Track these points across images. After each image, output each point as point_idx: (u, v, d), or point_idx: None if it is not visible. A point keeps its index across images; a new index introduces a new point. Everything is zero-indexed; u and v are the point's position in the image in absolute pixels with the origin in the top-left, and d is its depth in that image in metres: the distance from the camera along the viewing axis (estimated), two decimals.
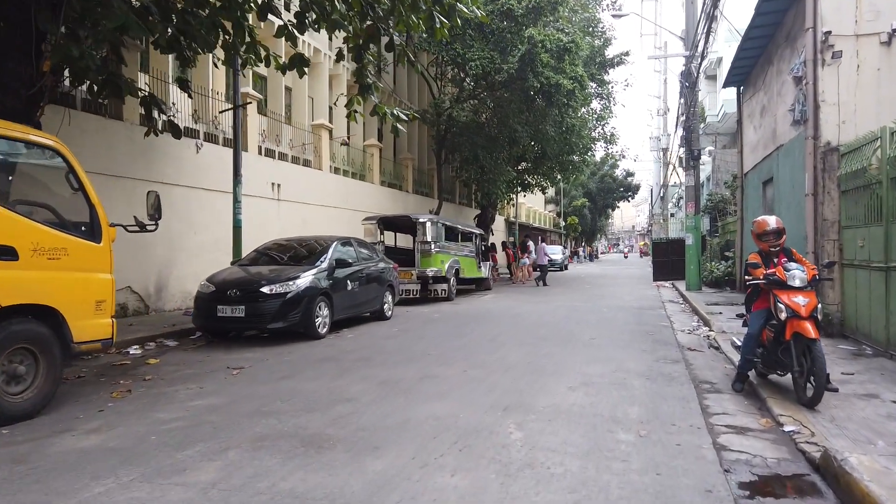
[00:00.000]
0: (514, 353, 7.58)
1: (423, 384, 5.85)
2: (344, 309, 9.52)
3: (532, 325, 10.31)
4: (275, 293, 8.22)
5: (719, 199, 21.15)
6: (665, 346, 8.13)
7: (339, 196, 16.90)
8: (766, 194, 13.06)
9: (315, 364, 6.90)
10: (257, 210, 13.32)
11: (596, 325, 10.22)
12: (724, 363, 7.10)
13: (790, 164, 10.71)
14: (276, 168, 14.10)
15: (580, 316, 11.66)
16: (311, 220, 15.25)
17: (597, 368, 6.61)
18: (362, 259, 10.43)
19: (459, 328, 9.85)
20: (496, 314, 11.99)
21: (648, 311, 12.57)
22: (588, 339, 8.78)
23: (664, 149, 40.30)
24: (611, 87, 25.38)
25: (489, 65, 17.35)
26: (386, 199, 19.95)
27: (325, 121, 16.47)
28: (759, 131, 13.55)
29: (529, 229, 41.26)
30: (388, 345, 8.23)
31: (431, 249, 14.12)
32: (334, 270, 9.25)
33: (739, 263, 15.87)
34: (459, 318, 11.27)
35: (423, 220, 14.08)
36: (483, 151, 20.30)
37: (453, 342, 8.42)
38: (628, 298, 15.72)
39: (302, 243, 10.10)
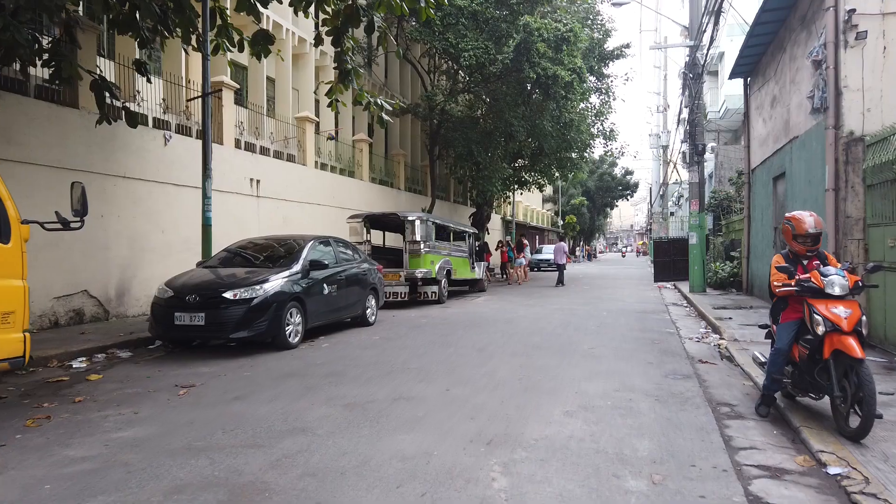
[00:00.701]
0: (504, 366, 6.74)
1: (395, 407, 5.01)
2: (320, 315, 8.68)
3: (526, 331, 9.48)
4: (239, 299, 7.37)
5: (724, 196, 20.34)
6: (673, 358, 7.31)
7: (324, 193, 16.05)
8: (777, 190, 12.25)
9: (277, 381, 6.05)
10: (233, 207, 12.47)
11: (596, 332, 9.40)
12: (742, 379, 6.28)
13: (806, 158, 9.89)
14: (255, 163, 13.24)
15: (578, 321, 10.83)
16: (293, 219, 14.40)
17: (598, 386, 5.78)
18: (342, 260, 9.59)
19: (447, 336, 9.02)
20: (488, 319, 11.16)
21: (652, 316, 11.74)
22: (587, 348, 7.95)
23: (664, 146, 39.54)
24: (610, 82, 24.54)
25: (483, 55, 16.51)
26: (376, 196, 19.10)
27: (309, 113, 15.60)
28: (768, 124, 12.73)
29: (526, 228, 40.45)
30: (365, 356, 7.39)
31: (421, 249, 13.28)
32: (309, 273, 8.40)
33: (746, 264, 15.07)
34: (448, 324, 10.44)
35: (411, 219, 13.24)
36: (478, 147, 19.47)
37: (438, 353, 7.58)
38: (629, 301, 14.90)
39: (276, 243, 9.26)
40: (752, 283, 14.58)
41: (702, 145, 15.87)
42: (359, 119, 20.12)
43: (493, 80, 18.39)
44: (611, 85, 24.64)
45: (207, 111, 9.86)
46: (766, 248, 13.03)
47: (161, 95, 11.21)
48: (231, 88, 12.50)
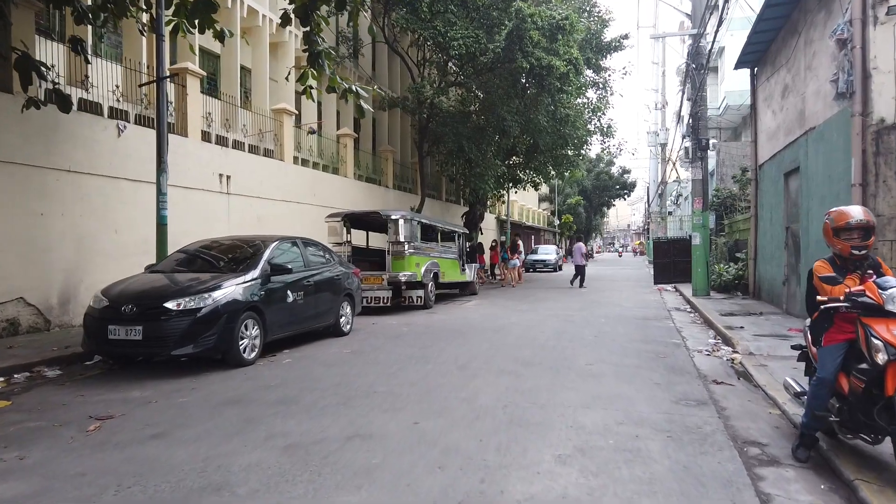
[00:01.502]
0: (488, 388, 5.78)
1: (347, 450, 4.04)
2: (283, 326, 7.70)
3: (516, 342, 8.51)
4: (183, 309, 6.39)
5: (727, 194, 19.42)
6: (683, 377, 6.35)
7: (304, 190, 15.06)
8: (789, 187, 11.31)
9: (214, 410, 5.07)
10: (200, 205, 11.47)
11: (593, 344, 8.44)
12: (767, 405, 5.33)
13: (825, 150, 8.95)
14: (224, 157, 12.24)
15: (574, 329, 9.88)
16: (269, 218, 13.41)
17: (597, 417, 4.82)
18: (312, 263, 8.61)
19: (427, 348, 8.04)
20: (476, 327, 10.19)
21: (654, 323, 10.80)
22: (584, 364, 6.99)
23: (662, 144, 38.68)
24: (608, 76, 23.59)
25: (474, 44, 15.53)
26: (362, 194, 18.11)
27: (287, 105, 14.60)
28: (779, 116, 11.80)
29: (522, 228, 39.51)
30: (328, 376, 6.41)
31: (405, 251, 12.30)
32: (270, 278, 7.42)
33: (753, 266, 14.14)
34: (431, 334, 9.46)
35: (395, 217, 12.26)
36: (469, 143, 18.49)
37: (413, 371, 6.61)
38: (628, 305, 13.95)
39: (236, 244, 8.26)
40: (760, 286, 13.66)
41: (705, 140, 14.95)
42: (344, 113, 19.13)
43: (484, 72, 17.42)
44: (608, 79, 23.71)
45: (162, 97, 8.87)
46: (776, 249, 12.10)
47: (117, 82, 10.19)
48: (197, 76, 11.51)
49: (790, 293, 11.16)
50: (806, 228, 9.91)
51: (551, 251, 33.95)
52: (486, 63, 16.25)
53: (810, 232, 9.68)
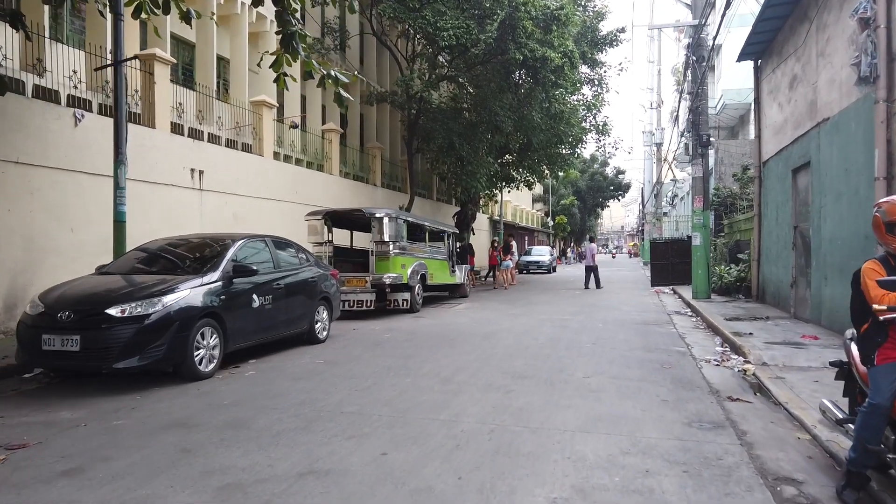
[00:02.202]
0: (473, 407, 5.04)
1: (294, 493, 3.30)
2: (248, 334, 6.94)
3: (507, 351, 7.79)
4: (128, 316, 5.63)
5: (727, 193, 18.77)
6: (693, 392, 5.64)
7: (285, 188, 14.29)
8: (798, 184, 10.65)
9: (149, 436, 4.32)
10: (169, 201, 10.69)
11: (591, 352, 7.72)
12: (793, 427, 4.63)
13: (842, 142, 8.28)
14: (197, 151, 11.47)
15: (570, 336, 9.16)
16: (246, 216, 12.64)
17: (598, 445, 4.10)
18: (284, 264, 7.85)
19: (409, 358, 7.30)
20: (464, 333, 9.46)
21: (655, 328, 10.10)
22: (582, 377, 6.27)
23: (658, 144, 38.12)
24: (603, 72, 22.94)
25: (464, 35, 14.81)
26: (348, 192, 17.36)
27: (267, 98, 13.83)
28: (786, 108, 11.15)
29: (515, 229, 38.84)
30: (292, 391, 5.66)
31: (390, 251, 11.56)
32: (232, 281, 6.66)
33: (757, 268, 13.49)
34: (415, 341, 8.73)
35: (379, 216, 11.51)
36: (460, 139, 17.76)
37: (390, 385, 5.87)
38: (627, 309, 13.26)
39: (198, 243, 7.50)
40: (764, 289, 13.00)
41: (706, 135, 14.28)
42: (330, 108, 18.35)
43: (475, 65, 16.70)
44: (604, 75, 23.06)
45: (121, 82, 8.10)
46: (783, 249, 11.43)
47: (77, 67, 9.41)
48: (166, 63, 10.72)
49: (799, 296, 10.50)
50: (817, 227, 9.25)
51: (545, 252, 33.26)
52: (477, 55, 15.54)
53: (823, 231, 9.02)
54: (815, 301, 9.37)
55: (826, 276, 8.86)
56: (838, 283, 8.35)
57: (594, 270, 19.53)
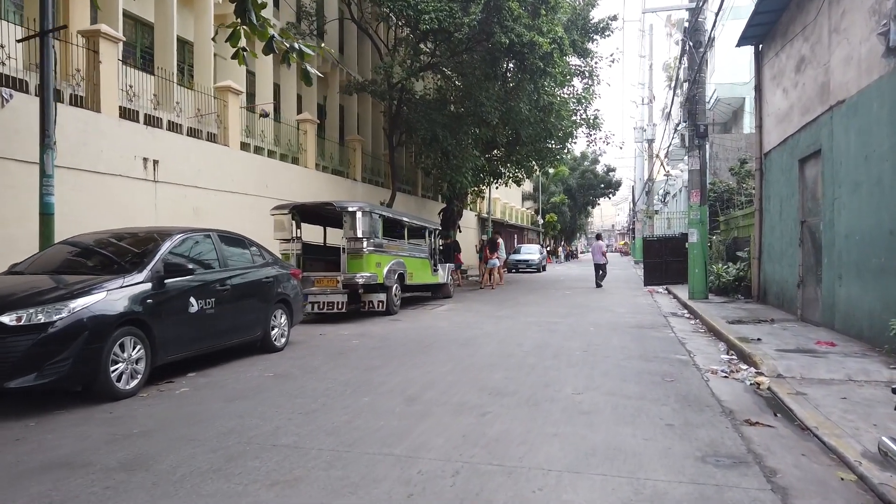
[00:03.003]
0: (437, 438, 4.12)
1: None
2: (184, 343, 5.97)
3: (487, 360, 6.87)
4: (25, 325, 4.65)
5: (724, 188, 17.96)
6: (702, 414, 4.74)
7: (254, 181, 13.28)
8: (806, 175, 9.81)
9: (16, 481, 3.35)
10: (117, 193, 9.68)
11: (582, 362, 6.82)
12: (830, 461, 3.74)
13: (860, 126, 7.42)
14: (150, 139, 10.45)
15: (559, 341, 8.26)
16: (207, 210, 11.64)
17: (592, 494, 3.19)
18: (232, 263, 6.88)
19: (373, 370, 6.36)
20: (442, 339, 8.53)
21: (651, 333, 9.22)
22: (571, 393, 5.36)
23: (650, 140, 37.40)
24: (594, 63, 22.06)
25: (447, 19, 13.87)
26: (325, 187, 16.36)
27: (233, 83, 12.82)
28: (791, 94, 10.31)
29: (504, 226, 37.97)
30: (222, 416, 4.70)
31: (363, 248, 10.60)
32: (163, 282, 5.69)
33: (758, 266, 12.66)
34: (385, 349, 7.78)
35: (351, 210, 10.55)
36: (444, 132, 16.81)
37: (342, 408, 4.92)
38: (620, 310, 12.39)
39: (134, 238, 6.51)
40: (766, 289, 12.17)
41: (703, 126, 13.44)
42: (306, 97, 17.37)
43: (460, 52, 15.76)
44: (595, 67, 22.19)
45: (48, 56, 7.11)
46: (788, 246, 10.60)
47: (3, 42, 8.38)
48: (113, 40, 9.69)
49: (806, 297, 9.66)
50: (831, 222, 8.40)
51: (534, 251, 32.39)
52: (461, 40, 14.59)
53: (836, 226, 8.17)
54: (827, 303, 8.53)
55: (840, 276, 8.02)
56: (855, 283, 7.51)
57: (602, 268, 19.27)
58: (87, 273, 5.63)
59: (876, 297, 6.93)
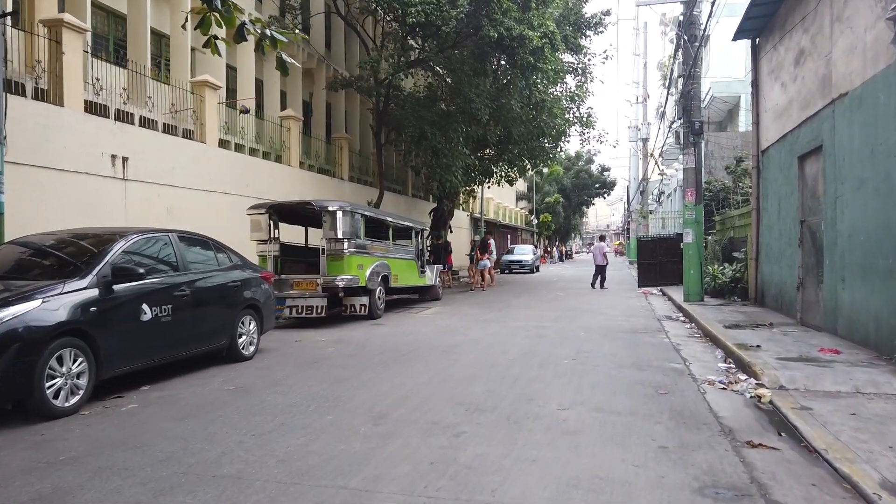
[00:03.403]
0: (402, 466, 3.65)
1: None
2: (136, 355, 5.48)
3: (468, 370, 6.40)
4: None
5: (720, 187, 17.55)
6: (699, 433, 4.29)
7: (233, 179, 12.78)
8: (805, 172, 9.39)
9: None
10: (82, 192, 9.18)
11: (570, 371, 6.36)
12: (845, 494, 3.30)
13: (865, 119, 7.00)
14: (120, 134, 9.95)
15: (547, 348, 7.81)
16: (182, 210, 11.14)
17: None
18: (193, 266, 6.40)
19: (343, 382, 5.89)
20: (423, 346, 8.06)
21: (645, 338, 8.78)
22: (556, 409, 4.91)
23: (644, 139, 37.03)
24: (587, 60, 21.63)
25: (434, 12, 13.39)
26: (310, 186, 15.87)
27: (210, 78, 12.31)
28: (790, 88, 9.89)
29: (497, 227, 37.53)
30: (167, 437, 4.22)
31: (344, 250, 10.12)
32: (111, 288, 5.20)
33: (755, 267, 12.24)
34: (362, 356, 7.31)
35: (332, 209, 10.07)
36: (432, 129, 16.34)
37: (301, 427, 4.45)
38: (612, 313, 11.95)
39: (85, 240, 6.00)
40: (763, 291, 11.76)
41: (699, 122, 13.01)
42: (291, 93, 16.87)
43: (448, 48, 15.30)
44: (588, 64, 21.76)
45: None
46: (787, 247, 10.19)
47: None
48: (78, 30, 9.17)
49: (806, 300, 9.24)
50: (832, 221, 7.97)
51: (528, 251, 31.98)
52: (449, 34, 14.12)
53: (839, 225, 7.74)
54: (829, 306, 8.10)
55: (844, 278, 7.59)
56: (861, 285, 7.08)
57: (603, 270, 19.02)
58: (30, 278, 5.14)
59: (883, 301, 6.51)
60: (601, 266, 19.06)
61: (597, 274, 19.04)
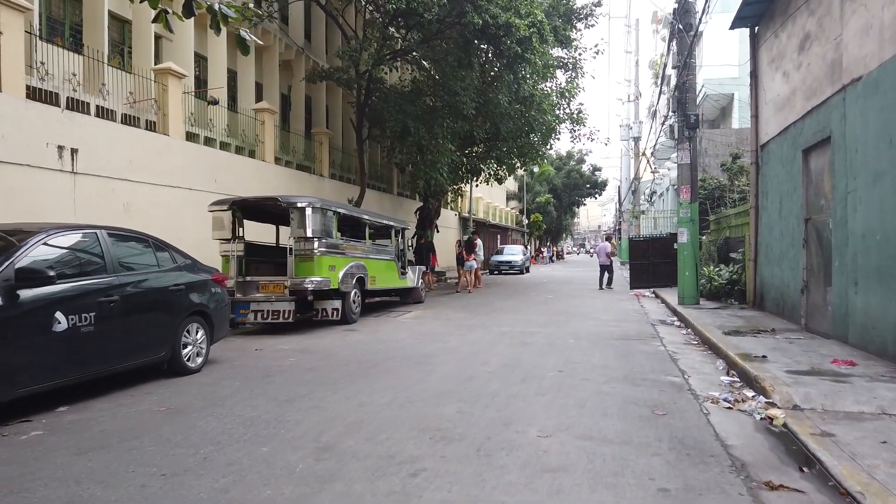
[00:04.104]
0: None
1: None
2: (46, 372, 4.69)
3: (441, 386, 5.66)
4: None
5: (715, 185, 16.91)
6: (706, 469, 3.57)
7: (200, 174, 11.96)
8: (811, 166, 8.72)
9: None
10: (22, 186, 8.35)
11: (556, 387, 5.63)
12: None
13: (881, 105, 6.32)
14: (69, 124, 9.13)
15: (532, 358, 7.08)
16: (141, 206, 10.32)
17: None
18: (126, 268, 5.60)
19: (294, 402, 5.12)
20: (395, 356, 7.31)
21: (638, 346, 8.07)
22: (536, 436, 4.17)
23: (636, 138, 36.48)
24: (578, 54, 20.96)
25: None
26: (287, 182, 15.06)
27: (174, 65, 11.49)
28: (794, 77, 9.22)
29: (487, 227, 36.81)
30: (58, 479, 3.43)
31: (314, 249, 9.35)
32: (16, 293, 4.41)
33: (753, 269, 11.57)
34: (323, 370, 6.55)
35: (300, 205, 9.29)
36: (416, 123, 15.59)
37: (226, 463, 3.68)
38: (604, 317, 11.25)
39: None
40: (763, 294, 11.09)
41: (694, 116, 12.34)
42: (268, 85, 16.07)
43: (431, 37, 14.54)
44: (578, 58, 21.08)
45: None
46: (789, 248, 9.52)
47: None
48: (18, 9, 8.32)
49: (812, 305, 8.57)
50: (843, 219, 7.29)
51: (517, 252, 31.29)
52: (431, 22, 13.36)
53: (851, 223, 7.06)
54: (839, 312, 7.42)
55: (856, 282, 6.91)
56: (877, 290, 6.40)
57: (608, 269, 18.54)
58: None
59: None
60: (605, 266, 18.63)
61: (602, 273, 18.62)
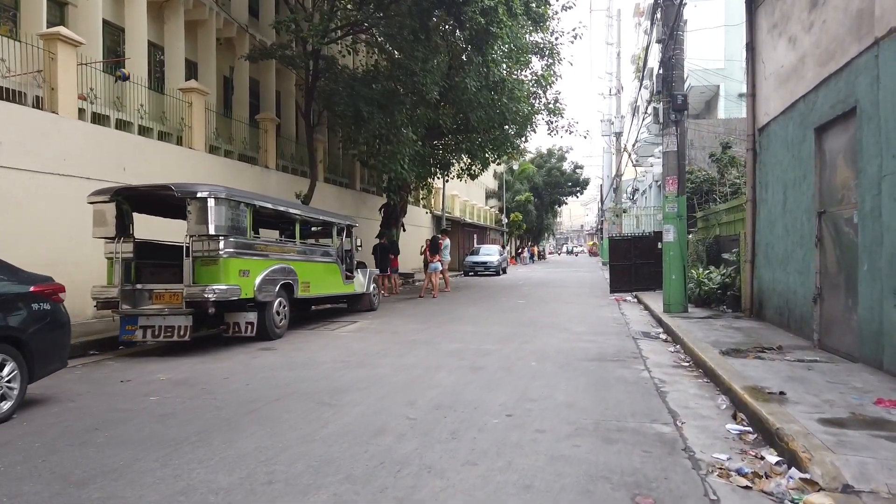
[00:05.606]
0: None
1: None
2: None
3: (329, 449, 3.91)
4: None
5: (703, 177, 15.35)
6: None
7: (101, 161, 10.09)
8: (826, 147, 7.13)
9: None
10: None
11: (496, 448, 3.92)
12: None
13: None
14: None
15: (474, 395, 5.36)
16: (17, 197, 8.47)
17: None
18: None
19: (88, 485, 3.35)
20: (298, 390, 5.54)
21: (616, 370, 6.39)
22: None
23: (617, 133, 35.08)
24: (555, 38, 19.35)
25: None
26: (221, 173, 13.20)
27: (65, 31, 9.60)
28: (803, 41, 7.63)
29: (463, 225, 35.12)
30: None
31: (219, 250, 7.55)
32: None
33: (750, 272, 9.99)
34: (183, 415, 4.77)
35: (200, 195, 7.46)
36: (371, 108, 13.84)
37: None
38: (578, 329, 9.59)
39: None
40: (762, 301, 9.52)
41: (682, 97, 10.73)
42: (204, 64, 14.20)
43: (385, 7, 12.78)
44: (555, 43, 19.47)
45: None
46: (796, 247, 7.94)
47: None
48: None
49: (828, 317, 6.97)
50: (874, 211, 5.69)
51: (494, 252, 29.64)
52: None
53: (887, 215, 5.46)
54: (869, 329, 5.82)
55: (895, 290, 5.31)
56: None
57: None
58: None
59: None
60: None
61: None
